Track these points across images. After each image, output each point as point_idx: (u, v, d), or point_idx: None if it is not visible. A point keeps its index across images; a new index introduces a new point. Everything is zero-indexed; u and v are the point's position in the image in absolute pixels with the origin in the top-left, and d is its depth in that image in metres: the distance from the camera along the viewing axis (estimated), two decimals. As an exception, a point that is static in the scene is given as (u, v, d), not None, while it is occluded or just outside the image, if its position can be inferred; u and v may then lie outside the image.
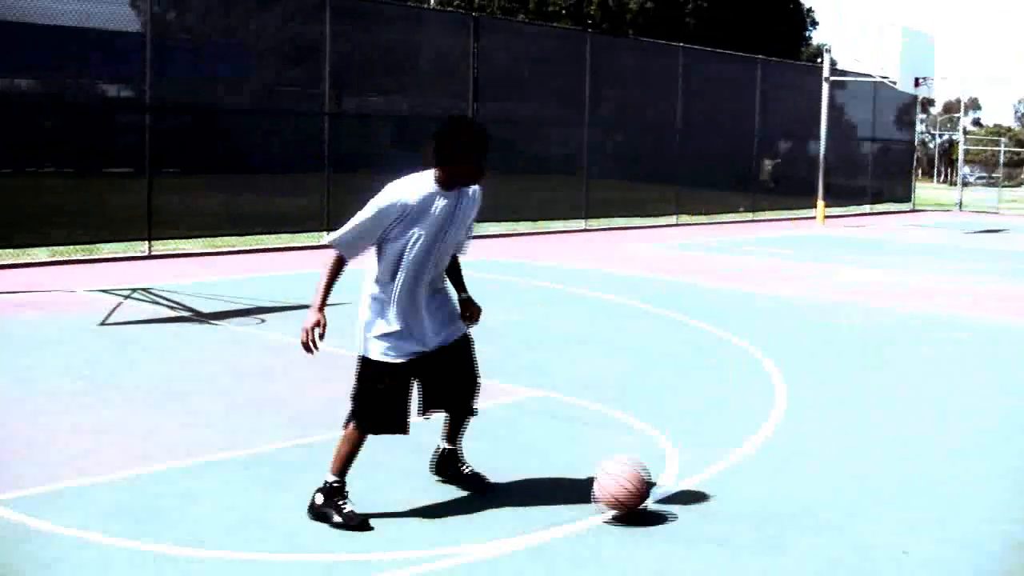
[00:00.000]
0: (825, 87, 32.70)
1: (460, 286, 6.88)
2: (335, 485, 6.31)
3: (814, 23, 60.22)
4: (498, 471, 7.10)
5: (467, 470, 6.93)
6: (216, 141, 21.79)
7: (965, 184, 49.71)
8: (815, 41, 61.56)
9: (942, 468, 7.72)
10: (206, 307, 13.34)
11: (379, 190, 6.39)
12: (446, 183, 6.48)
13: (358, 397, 6.55)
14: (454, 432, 6.92)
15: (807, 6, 58.28)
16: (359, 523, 6.15)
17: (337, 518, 6.18)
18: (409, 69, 26.12)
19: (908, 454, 8.03)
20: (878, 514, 6.66)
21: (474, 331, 6.69)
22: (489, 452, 7.40)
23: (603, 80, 29.43)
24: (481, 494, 6.75)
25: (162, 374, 9.83)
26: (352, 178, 22.99)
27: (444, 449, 6.96)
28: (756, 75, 34.36)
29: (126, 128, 20.17)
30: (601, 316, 13.99)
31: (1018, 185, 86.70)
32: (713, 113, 33.35)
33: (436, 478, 6.95)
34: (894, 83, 31.71)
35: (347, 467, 6.39)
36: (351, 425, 6.50)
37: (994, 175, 58.19)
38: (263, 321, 12.59)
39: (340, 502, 6.25)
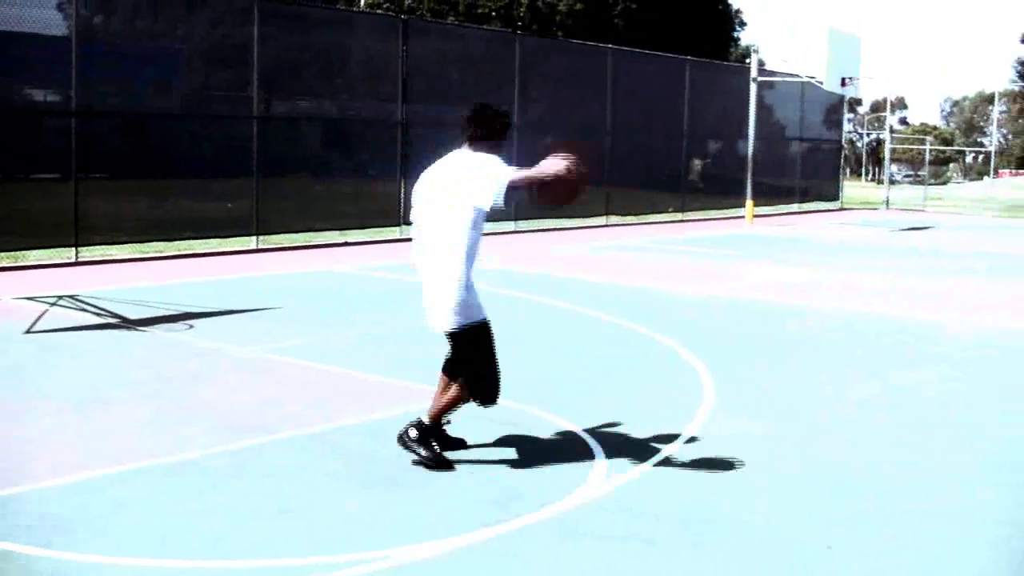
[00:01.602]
0: (753, 87, 32.93)
1: None
2: (430, 426, 7.27)
3: (742, 24, 60.73)
4: (425, 474, 7.13)
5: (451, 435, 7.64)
6: (144, 145, 21.61)
7: (892, 182, 50.22)
8: (743, 42, 61.98)
9: (868, 463, 7.82)
10: (134, 313, 13.25)
11: (310, 194, 6.49)
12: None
13: (486, 365, 7.22)
14: None
15: (735, 7, 58.67)
16: (442, 462, 7.18)
17: (425, 452, 7.18)
18: (338, 72, 26.05)
19: (834, 450, 8.13)
20: (804, 510, 6.74)
21: (399, 338, 6.70)
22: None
23: (533, 82, 29.49)
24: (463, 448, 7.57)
25: (89, 381, 9.76)
26: (281, 182, 22.93)
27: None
28: (685, 76, 34.52)
29: (53, 133, 19.96)
30: (529, 317, 14.02)
31: (944, 183, 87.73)
32: (642, 114, 33.45)
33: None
34: (821, 83, 31.97)
35: (443, 418, 7.34)
36: (464, 391, 7.25)
37: (920, 173, 58.80)
38: (191, 327, 12.53)
39: (433, 442, 7.24)
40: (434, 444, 7.28)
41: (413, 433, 7.27)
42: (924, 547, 6.22)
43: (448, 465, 7.20)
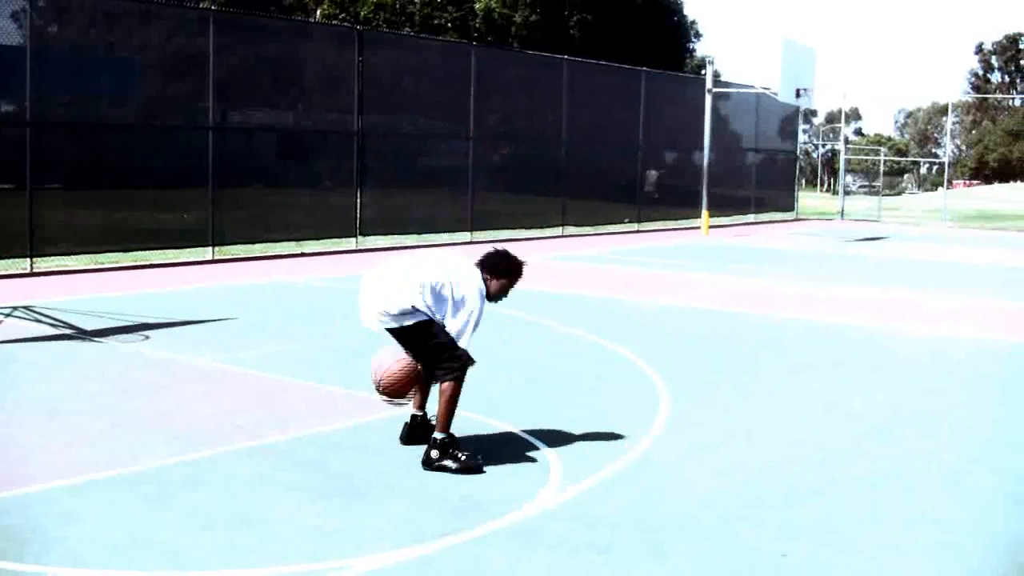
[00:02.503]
0: (708, 98, 33.11)
1: None
2: (448, 440, 7.45)
3: (697, 35, 60.90)
4: (381, 484, 7.14)
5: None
6: (99, 156, 21.49)
7: (847, 193, 50.52)
8: (699, 53, 62.19)
9: (821, 472, 7.89)
10: (90, 324, 13.19)
11: (266, 204, 6.61)
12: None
13: (451, 349, 7.53)
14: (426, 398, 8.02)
15: (691, 19, 58.96)
16: (477, 465, 7.41)
17: (456, 464, 7.36)
18: (294, 83, 26.01)
19: (788, 459, 8.19)
20: (758, 518, 6.79)
21: (354, 349, 6.70)
22: (372, 465, 7.43)
23: (488, 93, 29.53)
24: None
25: (44, 393, 9.71)
26: (237, 192, 22.87)
27: (416, 416, 8.02)
28: (640, 87, 34.64)
29: (6, 143, 19.82)
30: (484, 328, 14.01)
31: (898, 193, 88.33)
32: (598, 125, 33.54)
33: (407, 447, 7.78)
34: (775, 94, 32.17)
35: (452, 421, 7.51)
36: (451, 383, 7.48)
37: (875, 184, 59.14)
38: (147, 338, 12.48)
39: (455, 451, 7.43)
40: (458, 452, 7.48)
41: (435, 454, 7.45)
42: (878, 553, 6.27)
43: (479, 468, 7.44)
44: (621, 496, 7.11)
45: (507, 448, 8.16)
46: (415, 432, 7.94)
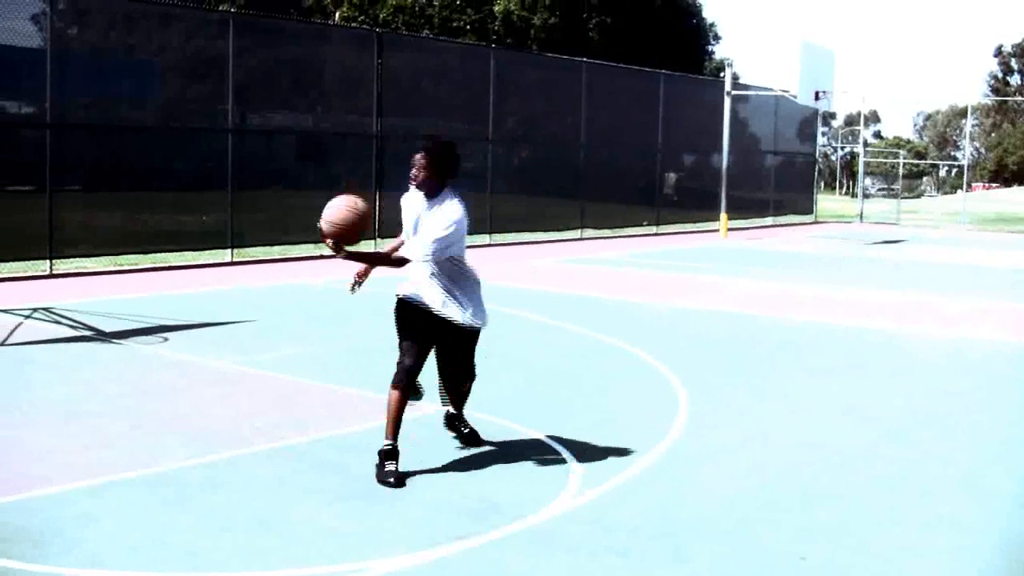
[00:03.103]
0: (727, 101, 33.08)
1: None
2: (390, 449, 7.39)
3: (716, 38, 60.86)
4: (400, 487, 7.15)
5: (466, 429, 8.19)
6: (119, 158, 21.58)
7: (866, 196, 50.42)
8: (717, 55, 62.15)
9: (839, 474, 7.88)
10: (109, 326, 13.23)
11: (285, 206, 6.64)
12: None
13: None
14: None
15: (709, 21, 58.85)
16: (386, 481, 7.24)
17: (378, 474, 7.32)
18: (313, 85, 26.07)
19: (805, 461, 8.18)
20: (776, 521, 6.78)
21: (373, 351, 6.72)
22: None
23: (507, 95, 29.56)
24: (477, 446, 8.07)
25: (63, 394, 9.74)
26: (256, 195, 22.91)
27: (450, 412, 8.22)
28: (659, 89, 34.63)
29: (27, 145, 19.89)
30: (504, 330, 14.04)
31: (917, 196, 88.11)
32: (617, 127, 33.55)
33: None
34: (794, 97, 32.12)
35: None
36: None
37: (894, 187, 58.99)
38: (166, 339, 12.52)
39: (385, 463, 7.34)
40: (386, 463, 7.36)
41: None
42: (895, 556, 6.27)
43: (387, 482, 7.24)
44: (639, 499, 7.12)
45: (525, 451, 8.16)
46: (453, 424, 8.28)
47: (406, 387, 7.34)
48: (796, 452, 8.48)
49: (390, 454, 7.30)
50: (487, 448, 8.08)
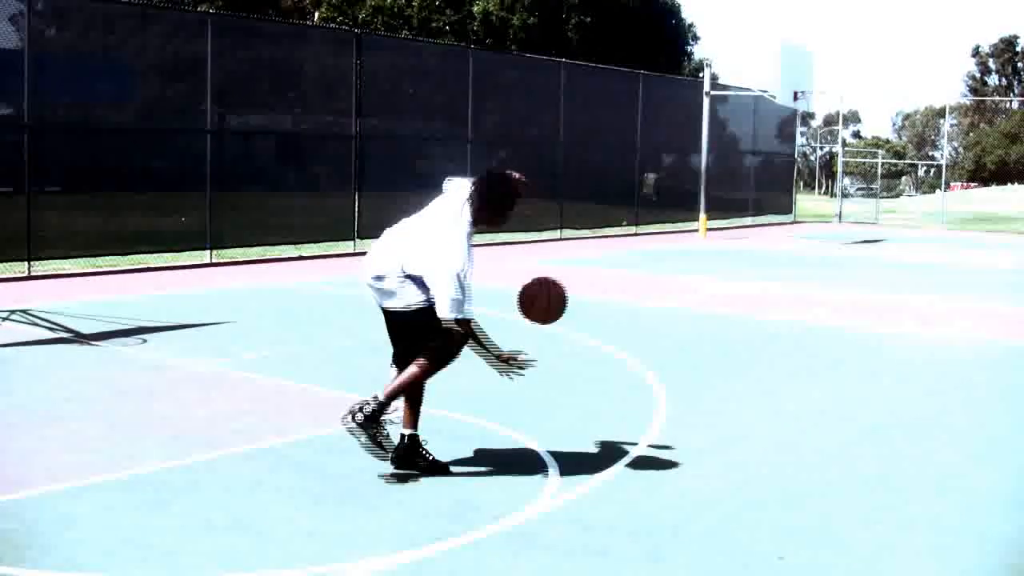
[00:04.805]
0: (706, 101, 33.15)
1: None
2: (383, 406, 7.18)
3: (695, 38, 60.81)
4: (378, 488, 7.15)
5: (430, 457, 7.53)
6: (98, 159, 21.51)
7: (845, 195, 50.52)
8: (696, 56, 62.14)
9: (818, 474, 7.90)
10: (87, 328, 13.20)
11: (264, 208, 6.63)
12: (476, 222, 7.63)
13: (444, 336, 7.43)
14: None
15: (688, 22, 58.88)
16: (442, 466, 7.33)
17: (365, 437, 7.14)
18: (293, 86, 26.06)
19: (784, 461, 8.21)
20: (755, 521, 6.80)
21: (352, 352, 6.71)
22: (369, 469, 7.42)
23: (486, 96, 29.57)
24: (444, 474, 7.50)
25: (41, 396, 9.71)
26: (235, 196, 22.87)
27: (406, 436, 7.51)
28: (638, 90, 34.68)
29: (5, 146, 19.81)
30: (484, 331, 14.03)
31: (896, 196, 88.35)
32: (596, 128, 33.58)
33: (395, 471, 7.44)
34: (774, 97, 32.22)
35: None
36: (420, 369, 7.27)
37: (873, 186, 59.10)
38: (145, 341, 12.49)
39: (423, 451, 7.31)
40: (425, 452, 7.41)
41: (368, 409, 7.23)
42: (874, 555, 6.29)
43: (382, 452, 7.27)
44: (617, 499, 7.12)
45: (503, 451, 8.17)
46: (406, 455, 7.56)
47: None
48: (775, 452, 8.50)
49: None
50: (464, 449, 8.07)
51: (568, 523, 6.63)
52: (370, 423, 7.18)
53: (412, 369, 7.26)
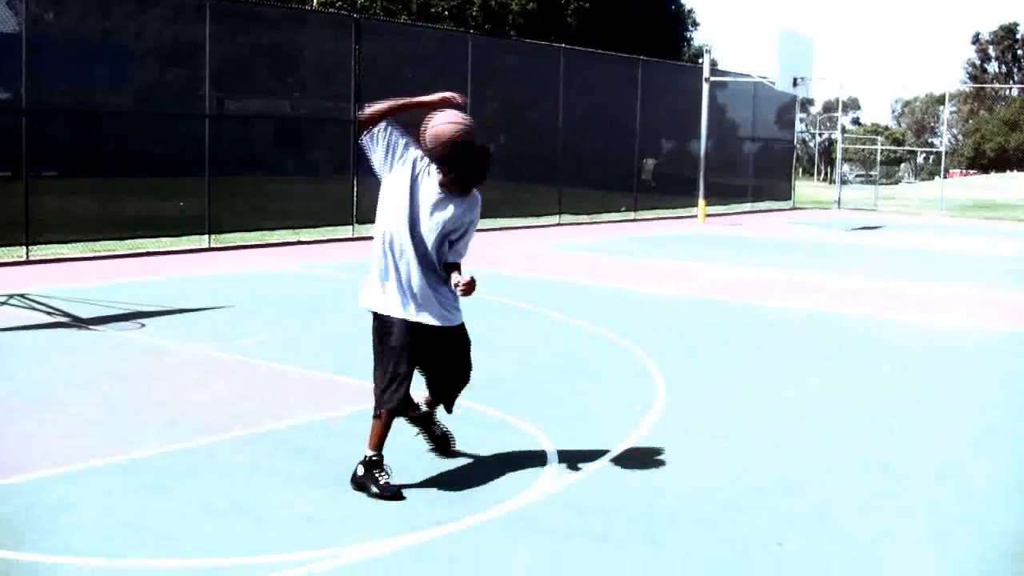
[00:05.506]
0: (705, 87, 33.09)
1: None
2: (375, 459, 6.83)
3: (695, 24, 60.79)
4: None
5: (438, 430, 7.59)
6: (96, 144, 21.46)
7: (844, 182, 50.49)
8: (696, 42, 62.12)
9: (816, 461, 7.90)
10: (85, 312, 13.18)
11: (263, 192, 6.60)
12: (447, 185, 7.17)
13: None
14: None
15: (688, 7, 58.79)
16: (394, 492, 6.70)
17: (375, 488, 6.71)
18: (291, 71, 26.00)
19: (783, 448, 8.21)
20: (753, 507, 6.80)
21: (350, 336, 6.70)
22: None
23: (485, 81, 29.50)
24: (444, 455, 7.53)
25: (39, 381, 9.71)
26: (234, 181, 22.84)
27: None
28: (637, 75, 34.61)
29: (2, 130, 19.76)
30: (483, 316, 14.00)
31: (895, 183, 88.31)
32: (595, 113, 33.51)
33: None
34: (773, 83, 32.17)
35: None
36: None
37: (872, 173, 59.10)
38: (143, 326, 12.47)
39: (378, 473, 6.80)
40: (380, 474, 6.88)
41: (361, 471, 6.91)
42: (872, 542, 6.29)
43: (398, 495, 6.76)
44: (616, 485, 7.12)
45: (502, 436, 8.16)
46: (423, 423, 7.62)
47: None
48: (773, 438, 8.50)
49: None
50: (463, 434, 8.06)
51: (567, 508, 6.63)
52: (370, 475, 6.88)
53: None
